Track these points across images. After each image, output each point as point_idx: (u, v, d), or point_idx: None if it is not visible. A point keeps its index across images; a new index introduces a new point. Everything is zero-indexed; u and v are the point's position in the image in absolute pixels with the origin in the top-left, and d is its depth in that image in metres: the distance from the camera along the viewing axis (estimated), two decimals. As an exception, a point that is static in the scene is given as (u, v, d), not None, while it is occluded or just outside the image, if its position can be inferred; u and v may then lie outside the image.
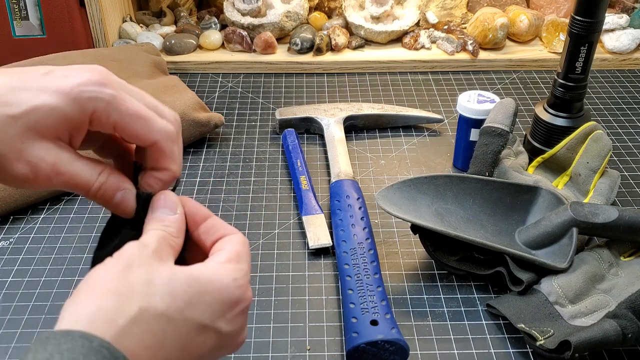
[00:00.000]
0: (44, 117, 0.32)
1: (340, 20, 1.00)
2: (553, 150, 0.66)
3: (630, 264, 0.55)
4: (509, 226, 0.58)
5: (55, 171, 0.33)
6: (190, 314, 0.30)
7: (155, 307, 0.29)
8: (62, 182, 0.34)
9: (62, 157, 0.33)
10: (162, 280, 0.30)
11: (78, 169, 0.34)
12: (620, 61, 0.94)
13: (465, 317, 0.53)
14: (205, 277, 0.32)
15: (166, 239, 0.33)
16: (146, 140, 0.34)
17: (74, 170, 0.34)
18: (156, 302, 0.29)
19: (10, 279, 0.57)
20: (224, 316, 0.32)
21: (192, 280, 0.31)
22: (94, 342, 0.27)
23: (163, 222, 0.34)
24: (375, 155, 0.75)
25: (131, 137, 0.34)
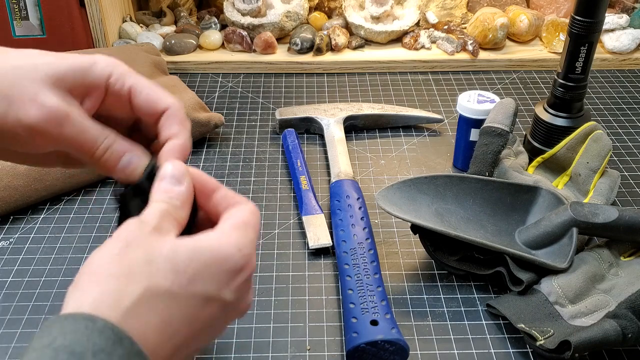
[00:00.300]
0: (65, 70, 0.34)
1: (340, 20, 1.00)
2: (553, 150, 0.66)
3: (630, 264, 0.55)
4: (509, 226, 0.58)
5: (66, 121, 0.33)
6: (195, 287, 0.30)
7: (158, 286, 0.29)
8: (68, 136, 0.34)
9: (74, 110, 0.34)
10: (163, 257, 0.30)
11: (87, 126, 0.34)
12: (620, 61, 0.94)
13: (465, 317, 0.53)
14: (208, 247, 0.31)
15: (170, 213, 0.32)
16: (159, 105, 0.35)
17: (82, 126, 0.34)
18: (159, 280, 0.29)
19: (10, 279, 0.57)
20: (228, 285, 0.31)
21: (194, 253, 0.30)
22: (97, 323, 0.26)
23: (168, 194, 0.33)
24: (375, 155, 0.75)
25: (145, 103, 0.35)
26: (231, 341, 0.51)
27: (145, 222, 0.31)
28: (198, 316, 0.30)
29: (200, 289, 0.30)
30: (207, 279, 0.30)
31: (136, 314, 0.28)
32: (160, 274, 0.29)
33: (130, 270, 0.29)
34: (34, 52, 0.35)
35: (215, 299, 0.31)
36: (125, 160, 0.35)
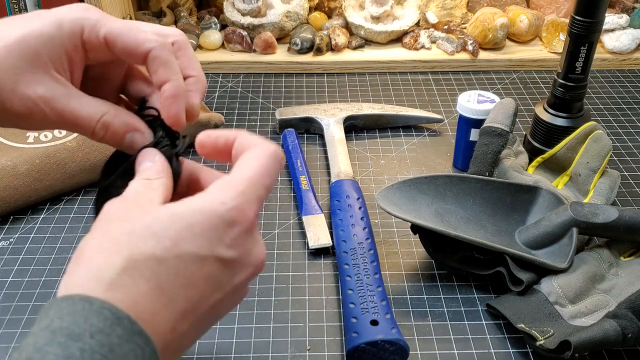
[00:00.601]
0: (36, 45, 0.32)
1: (340, 20, 1.00)
2: (553, 150, 0.66)
3: (630, 264, 0.55)
4: (509, 226, 0.58)
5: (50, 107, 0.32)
6: (180, 248, 0.28)
7: (140, 253, 0.28)
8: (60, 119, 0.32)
9: (58, 91, 0.32)
10: (142, 226, 0.29)
11: (76, 106, 0.32)
12: (620, 61, 0.94)
13: (465, 317, 0.53)
14: (189, 208, 0.30)
15: (146, 185, 0.32)
16: (138, 51, 0.33)
17: (72, 107, 0.32)
18: (139, 248, 0.28)
19: (10, 279, 0.57)
20: (221, 241, 0.29)
21: (173, 216, 0.29)
22: (94, 305, 0.26)
23: (141, 174, 0.33)
24: (375, 155, 0.75)
25: (124, 51, 0.33)
26: (231, 341, 0.51)
27: (125, 197, 0.31)
28: (194, 277, 0.29)
29: (187, 249, 0.29)
30: (192, 239, 0.29)
31: (122, 284, 0.27)
32: (141, 242, 0.28)
33: (113, 242, 0.28)
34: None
35: (209, 257, 0.29)
36: (128, 140, 0.34)
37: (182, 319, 0.29)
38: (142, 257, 0.28)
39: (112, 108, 0.34)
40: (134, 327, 0.26)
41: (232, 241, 0.30)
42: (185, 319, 0.29)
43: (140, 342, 0.26)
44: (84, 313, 0.26)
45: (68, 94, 0.32)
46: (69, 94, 0.33)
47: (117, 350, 0.25)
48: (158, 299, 0.28)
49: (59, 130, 0.67)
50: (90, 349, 0.24)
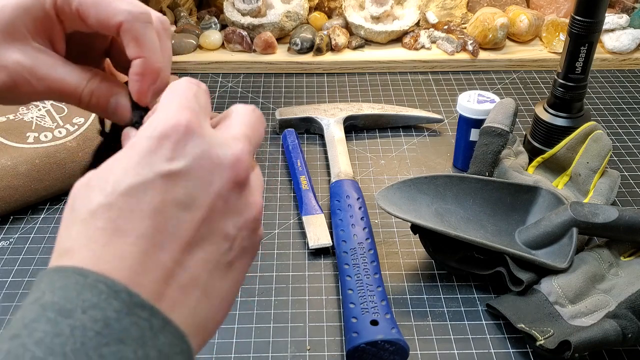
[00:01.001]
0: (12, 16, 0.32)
1: (340, 20, 1.00)
2: (553, 150, 0.66)
3: (630, 264, 0.55)
4: (509, 226, 0.58)
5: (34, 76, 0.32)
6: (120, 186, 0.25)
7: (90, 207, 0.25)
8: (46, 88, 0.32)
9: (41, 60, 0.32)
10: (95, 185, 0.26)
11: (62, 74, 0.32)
12: (620, 61, 0.94)
13: (465, 317, 0.53)
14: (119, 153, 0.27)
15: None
16: (111, 23, 0.32)
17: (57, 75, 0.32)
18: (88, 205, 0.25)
19: (10, 279, 0.57)
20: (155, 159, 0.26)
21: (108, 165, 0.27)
22: (89, 278, 0.24)
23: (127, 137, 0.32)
24: (375, 155, 0.75)
25: (96, 23, 0.32)
26: (231, 341, 0.51)
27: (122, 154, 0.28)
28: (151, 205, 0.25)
29: (128, 183, 0.26)
30: (127, 172, 0.26)
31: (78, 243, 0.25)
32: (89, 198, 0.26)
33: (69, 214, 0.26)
34: None
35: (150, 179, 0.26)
36: (112, 104, 0.33)
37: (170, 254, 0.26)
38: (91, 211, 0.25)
39: (97, 74, 0.34)
40: (133, 298, 0.24)
41: (171, 153, 0.26)
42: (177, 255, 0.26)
43: (144, 314, 0.24)
44: (77, 287, 0.24)
45: (52, 62, 0.33)
46: (53, 62, 0.33)
47: (114, 325, 0.23)
48: (120, 240, 0.25)
49: (59, 130, 0.67)
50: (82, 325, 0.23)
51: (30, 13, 0.32)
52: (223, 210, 0.27)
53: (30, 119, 0.69)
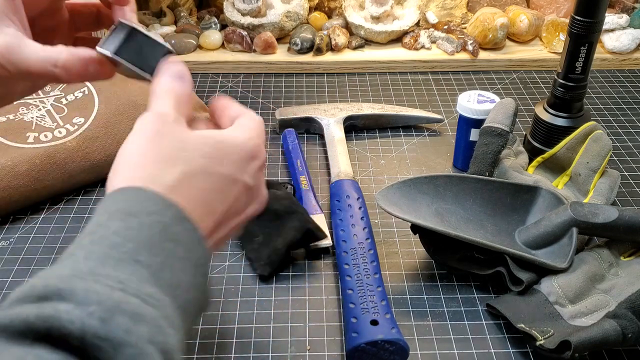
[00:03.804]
0: None
1: (340, 20, 1.00)
2: (553, 150, 0.66)
3: (630, 264, 0.55)
4: (509, 226, 0.58)
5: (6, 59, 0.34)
6: (222, 169, 0.34)
7: (195, 166, 0.32)
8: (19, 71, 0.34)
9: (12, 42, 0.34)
10: (193, 145, 0.33)
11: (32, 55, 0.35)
12: (620, 61, 0.94)
13: (465, 317, 0.53)
14: (227, 138, 0.35)
15: (179, 107, 0.35)
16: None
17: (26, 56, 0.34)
18: (194, 162, 0.33)
19: (10, 279, 0.57)
20: (246, 170, 0.35)
21: (217, 142, 0.34)
22: (147, 192, 0.30)
23: (175, 89, 0.36)
24: (375, 155, 0.75)
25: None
26: (231, 341, 0.51)
27: (166, 114, 0.34)
28: (228, 193, 0.34)
29: (227, 171, 0.34)
30: (230, 163, 0.34)
31: (178, 189, 0.31)
32: (195, 158, 0.33)
33: (167, 156, 0.32)
34: None
35: (239, 180, 0.35)
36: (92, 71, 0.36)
37: (216, 229, 0.34)
38: (195, 172, 0.32)
39: (64, 49, 0.36)
40: (182, 214, 0.30)
41: (253, 172, 0.36)
42: (218, 230, 0.34)
43: (189, 226, 0.30)
44: (139, 198, 0.29)
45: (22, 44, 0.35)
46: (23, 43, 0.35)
47: (170, 229, 0.29)
48: (204, 207, 0.32)
49: (59, 130, 0.67)
50: (149, 223, 0.28)
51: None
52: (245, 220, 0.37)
53: (30, 119, 0.69)
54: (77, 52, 0.36)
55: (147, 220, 0.28)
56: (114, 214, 0.28)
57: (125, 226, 0.28)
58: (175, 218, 0.30)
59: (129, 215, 0.28)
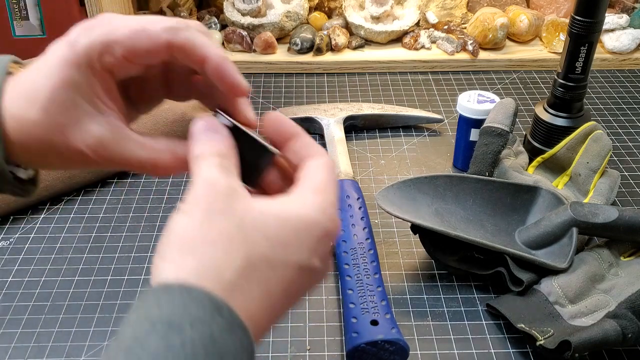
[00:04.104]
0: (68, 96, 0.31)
1: (340, 20, 1.00)
2: (553, 150, 0.66)
3: (630, 264, 0.55)
4: (509, 226, 0.58)
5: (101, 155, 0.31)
6: (288, 256, 0.28)
7: (256, 254, 0.27)
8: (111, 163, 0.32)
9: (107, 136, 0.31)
10: (253, 224, 0.28)
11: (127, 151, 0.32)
12: (620, 61, 0.94)
13: (465, 317, 0.53)
14: (295, 214, 0.29)
15: (224, 166, 0.29)
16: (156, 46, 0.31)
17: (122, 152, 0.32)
18: (255, 248, 0.27)
19: (10, 279, 0.57)
20: (317, 252, 0.29)
21: (283, 220, 0.28)
22: (193, 293, 0.25)
23: (211, 145, 0.30)
24: (375, 155, 0.75)
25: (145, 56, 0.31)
26: (231, 341, 0.51)
27: (216, 181, 0.28)
28: (292, 285, 0.28)
29: (294, 257, 0.28)
30: (298, 247, 0.28)
31: (240, 286, 0.26)
32: (256, 242, 0.27)
33: (224, 237, 0.27)
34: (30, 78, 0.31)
35: (306, 267, 0.29)
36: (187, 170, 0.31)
37: (272, 323, 0.29)
38: (257, 260, 0.27)
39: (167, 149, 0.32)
40: (233, 317, 0.25)
41: (324, 253, 0.30)
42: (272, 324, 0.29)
43: (242, 334, 0.26)
44: (183, 302, 0.25)
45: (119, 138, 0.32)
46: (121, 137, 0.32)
47: (219, 341, 0.24)
48: (265, 304, 0.27)
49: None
50: (192, 339, 0.24)
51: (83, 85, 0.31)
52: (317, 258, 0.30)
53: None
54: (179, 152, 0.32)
55: (192, 334, 0.24)
56: (155, 325, 0.24)
57: (165, 345, 0.24)
58: (227, 326, 0.25)
59: (171, 328, 0.24)
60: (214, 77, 0.32)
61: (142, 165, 0.32)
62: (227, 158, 0.30)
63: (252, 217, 0.28)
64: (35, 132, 0.31)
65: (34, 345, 0.51)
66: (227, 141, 0.31)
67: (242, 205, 0.28)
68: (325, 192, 0.30)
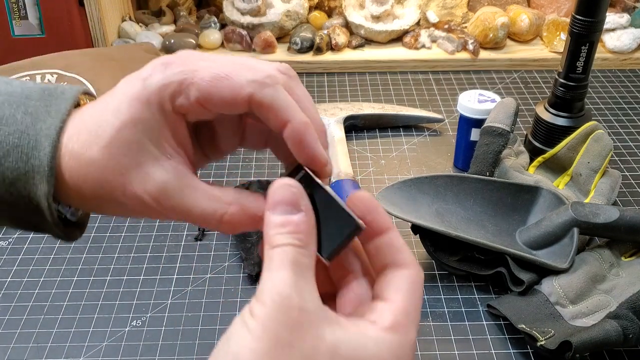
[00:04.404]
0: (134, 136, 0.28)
1: (340, 19, 1.00)
2: (554, 150, 0.65)
3: (631, 264, 0.55)
4: (509, 226, 0.58)
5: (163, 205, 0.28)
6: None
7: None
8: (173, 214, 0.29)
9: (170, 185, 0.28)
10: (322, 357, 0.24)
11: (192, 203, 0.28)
12: (621, 61, 0.94)
13: (466, 317, 0.53)
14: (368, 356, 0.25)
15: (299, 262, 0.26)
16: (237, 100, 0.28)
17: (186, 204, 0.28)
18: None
19: (9, 279, 0.57)
20: None
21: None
22: None
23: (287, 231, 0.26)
24: (376, 155, 0.74)
25: (223, 107, 0.28)
26: (231, 342, 0.51)
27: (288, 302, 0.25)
28: None
29: None
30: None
31: None
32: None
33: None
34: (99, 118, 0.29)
35: None
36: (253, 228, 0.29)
37: None
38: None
39: (235, 200, 0.29)
40: None
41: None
42: None
43: None
44: None
45: (184, 186, 0.29)
46: (186, 186, 0.29)
47: None
48: None
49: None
50: None
51: (152, 126, 0.28)
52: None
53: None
54: (250, 207, 0.29)
55: None
56: None
57: None
58: None
59: None
60: (292, 144, 0.29)
61: (205, 219, 0.29)
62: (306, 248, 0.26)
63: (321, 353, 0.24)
64: (93, 172, 0.28)
65: (32, 345, 0.50)
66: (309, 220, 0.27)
67: (312, 336, 0.24)
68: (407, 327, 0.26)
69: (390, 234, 0.28)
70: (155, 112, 0.28)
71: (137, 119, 0.28)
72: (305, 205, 0.27)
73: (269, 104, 0.28)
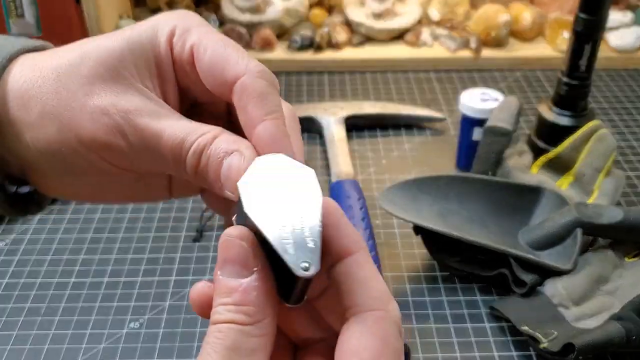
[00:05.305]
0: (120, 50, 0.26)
1: (340, 17, 0.99)
2: (557, 150, 0.65)
3: (635, 265, 0.55)
4: (512, 227, 0.57)
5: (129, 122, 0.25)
6: None
7: None
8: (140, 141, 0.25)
9: (143, 104, 0.25)
10: None
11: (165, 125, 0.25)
12: (624, 59, 0.94)
13: (468, 319, 0.52)
14: None
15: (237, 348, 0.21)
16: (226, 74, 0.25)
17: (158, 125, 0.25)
18: None
19: (7, 280, 0.56)
20: None
21: None
22: None
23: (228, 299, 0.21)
24: (377, 154, 0.74)
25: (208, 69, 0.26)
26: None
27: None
28: None
29: None
30: None
31: None
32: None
33: None
34: (84, 40, 0.27)
35: None
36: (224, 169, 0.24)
37: None
38: None
39: (212, 128, 0.25)
40: None
41: None
42: None
43: None
44: None
45: (154, 109, 0.26)
46: (156, 109, 0.26)
47: None
48: None
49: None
50: None
51: (144, 51, 0.26)
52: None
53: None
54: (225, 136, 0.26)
55: None
56: None
57: None
58: None
59: None
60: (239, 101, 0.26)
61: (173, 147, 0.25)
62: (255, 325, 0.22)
63: None
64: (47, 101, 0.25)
65: (30, 347, 0.50)
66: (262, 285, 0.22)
67: None
68: None
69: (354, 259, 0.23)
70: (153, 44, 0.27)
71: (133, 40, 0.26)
72: (259, 261, 0.22)
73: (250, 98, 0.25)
